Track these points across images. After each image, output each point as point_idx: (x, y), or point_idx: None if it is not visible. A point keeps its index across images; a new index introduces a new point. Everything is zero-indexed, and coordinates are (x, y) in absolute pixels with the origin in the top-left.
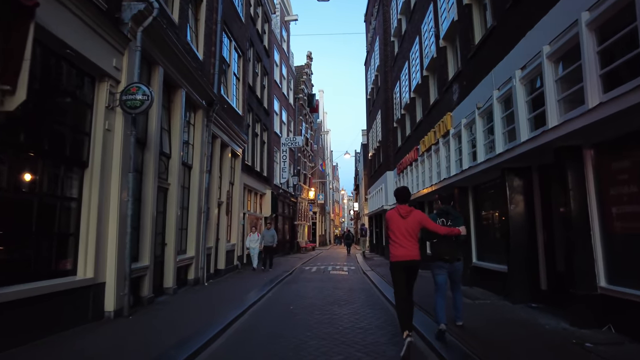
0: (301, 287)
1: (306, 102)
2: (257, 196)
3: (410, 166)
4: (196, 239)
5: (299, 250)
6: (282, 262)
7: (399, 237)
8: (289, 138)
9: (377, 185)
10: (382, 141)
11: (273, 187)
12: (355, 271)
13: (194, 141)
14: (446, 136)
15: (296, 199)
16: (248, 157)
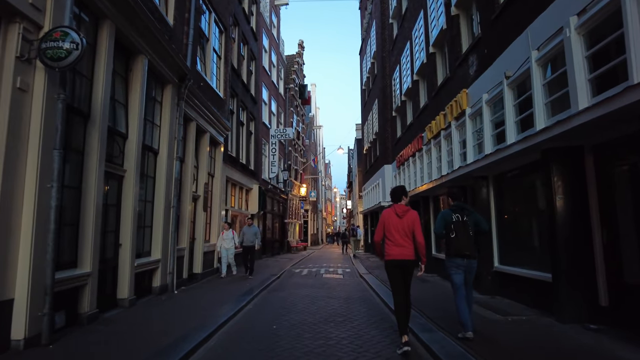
0: (289, 296)
1: (297, 93)
2: (243, 191)
3: (413, 157)
4: (163, 238)
5: (290, 250)
6: (271, 264)
7: (394, 236)
8: (279, 130)
9: (373, 181)
10: (379, 133)
11: (261, 182)
12: (351, 274)
13: (161, 122)
14: (461, 117)
15: (287, 195)
16: (232, 148)
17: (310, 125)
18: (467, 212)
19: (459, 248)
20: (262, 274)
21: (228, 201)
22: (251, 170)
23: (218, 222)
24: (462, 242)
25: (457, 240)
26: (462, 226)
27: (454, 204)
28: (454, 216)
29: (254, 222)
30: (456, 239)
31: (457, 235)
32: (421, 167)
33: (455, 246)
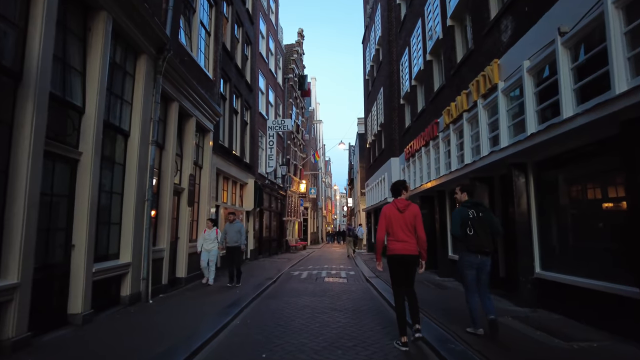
0: (285, 307)
1: (297, 84)
2: (237, 186)
3: (426, 147)
4: (135, 237)
5: (288, 250)
6: (267, 265)
7: (397, 232)
8: (277, 121)
9: (378, 176)
10: (384, 124)
11: (257, 176)
12: (355, 278)
13: (133, 98)
14: (490, 94)
15: (285, 192)
16: (224, 137)
17: (310, 119)
18: (483, 209)
19: (479, 245)
20: (256, 278)
21: (219, 196)
22: (246, 164)
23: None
24: (482, 238)
25: (476, 237)
26: (479, 222)
27: (467, 201)
28: (469, 212)
29: (237, 218)
30: (475, 236)
31: (476, 232)
32: (436, 157)
33: (475, 243)
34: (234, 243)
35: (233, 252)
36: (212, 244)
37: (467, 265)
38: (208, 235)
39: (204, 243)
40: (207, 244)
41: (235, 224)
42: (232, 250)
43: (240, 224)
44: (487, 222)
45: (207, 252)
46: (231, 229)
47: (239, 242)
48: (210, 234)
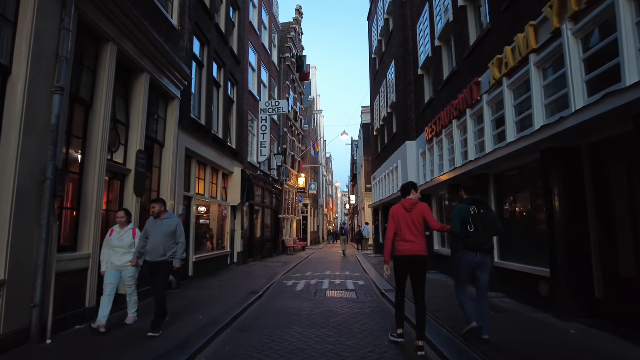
0: (265, 352)
1: (294, 65)
2: (219, 175)
3: (459, 119)
4: (13, 237)
5: (285, 251)
6: (256, 272)
7: (404, 232)
8: (271, 103)
9: (388, 166)
10: (396, 103)
11: (247, 165)
12: (367, 291)
13: (18, 17)
14: (585, 14)
15: (282, 186)
16: (200, 113)
17: (310, 109)
18: (484, 206)
19: (479, 242)
20: (235, 292)
21: (192, 186)
22: (232, 149)
23: None
24: (482, 236)
25: (477, 234)
26: (481, 219)
27: (469, 197)
28: (471, 209)
29: (164, 211)
30: (476, 233)
31: (477, 229)
32: (477, 130)
33: (475, 240)
34: (160, 256)
35: (155, 271)
36: (125, 256)
37: (465, 264)
38: (118, 241)
39: (111, 254)
40: (116, 256)
41: (168, 218)
42: (153, 267)
43: (175, 219)
44: (489, 219)
45: (117, 271)
46: (157, 229)
47: (170, 255)
48: (124, 237)
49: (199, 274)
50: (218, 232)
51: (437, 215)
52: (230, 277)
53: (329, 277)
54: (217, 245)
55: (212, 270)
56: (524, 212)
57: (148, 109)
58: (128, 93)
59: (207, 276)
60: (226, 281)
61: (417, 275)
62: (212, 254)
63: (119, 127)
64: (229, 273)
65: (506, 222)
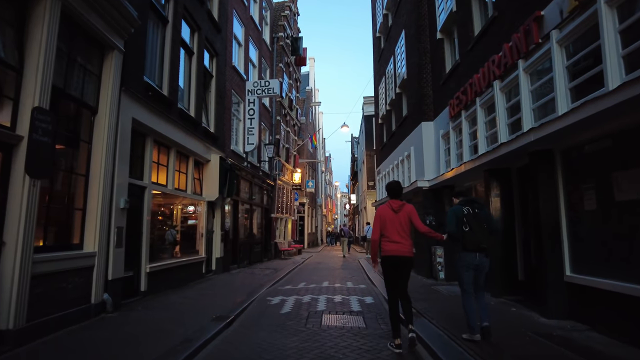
0: None
1: (289, 47)
2: (189, 162)
3: (501, 80)
4: None
5: (278, 255)
6: (236, 283)
7: (391, 232)
8: (260, 83)
9: (397, 156)
10: (407, 80)
11: (229, 154)
12: (377, 312)
13: None
14: None
15: (274, 181)
16: (160, 79)
17: (307, 101)
18: (478, 206)
19: (475, 241)
20: (196, 318)
21: (146, 172)
22: (207, 132)
23: (101, 213)
24: (477, 235)
25: (472, 233)
26: (475, 218)
27: (462, 199)
28: (464, 209)
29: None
30: (471, 232)
31: (472, 228)
32: (536, 87)
33: (471, 240)
34: None
35: None
36: None
37: (466, 266)
38: None
39: None
40: None
41: None
42: None
43: None
44: (484, 218)
45: None
46: None
47: None
48: None
49: (157, 287)
50: (188, 233)
51: None
52: (200, 290)
53: (326, 290)
54: (186, 249)
55: (178, 281)
56: (622, 202)
57: (58, 50)
58: (23, 24)
59: (169, 290)
60: (192, 298)
61: (402, 274)
62: (178, 261)
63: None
64: (202, 285)
65: (587, 217)
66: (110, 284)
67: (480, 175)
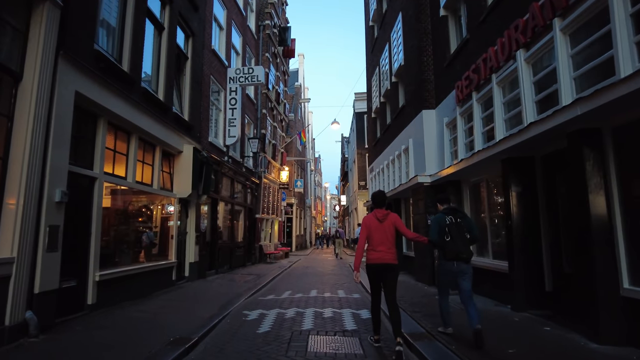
0: None
1: (277, 37)
2: (156, 152)
3: (527, 49)
4: None
5: (263, 259)
6: (210, 292)
7: (376, 241)
8: (242, 70)
9: (392, 151)
10: (404, 67)
11: (206, 146)
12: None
13: None
14: None
15: (259, 179)
16: (120, 52)
17: (296, 97)
18: (460, 215)
19: (455, 251)
20: (147, 341)
21: (96, 159)
22: (179, 119)
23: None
24: (458, 245)
25: (452, 243)
26: (457, 228)
27: (445, 207)
28: (447, 218)
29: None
30: (452, 242)
31: (453, 238)
32: (577, 51)
33: (451, 249)
34: None
35: None
36: None
37: (445, 273)
38: None
39: None
40: None
41: None
42: None
43: None
44: (465, 227)
45: None
46: None
47: None
48: None
49: (111, 299)
50: (155, 234)
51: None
52: (165, 302)
53: (314, 302)
54: (153, 254)
55: (140, 291)
56: None
57: None
58: None
59: (127, 302)
60: (152, 312)
61: (388, 282)
62: (140, 267)
63: None
64: (169, 295)
65: None
66: (38, 298)
67: (495, 168)
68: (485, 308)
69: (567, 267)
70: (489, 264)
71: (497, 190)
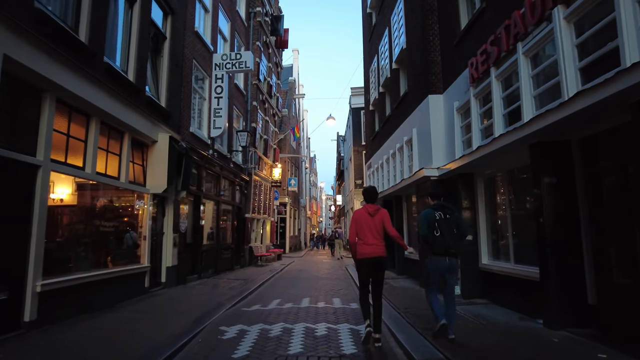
0: None
1: (269, 26)
2: (124, 140)
3: (565, 5)
4: None
5: (253, 261)
6: (188, 302)
7: (366, 235)
8: (229, 55)
9: (393, 144)
10: (407, 50)
11: (187, 137)
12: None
13: None
14: None
15: (249, 176)
16: (74, 19)
17: (290, 93)
18: (450, 211)
19: (445, 246)
20: None
21: (40, 143)
22: (153, 103)
23: None
24: (447, 240)
25: (442, 238)
26: (446, 224)
27: (435, 203)
28: (436, 214)
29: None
30: (442, 237)
31: (443, 234)
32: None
33: (441, 244)
34: None
35: None
36: None
37: (434, 269)
38: None
39: None
40: None
41: None
42: None
43: None
44: (454, 223)
45: None
46: None
47: None
48: None
49: (61, 314)
50: (124, 235)
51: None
52: (131, 314)
53: (306, 314)
54: (121, 257)
55: (104, 301)
56: None
57: None
58: None
59: (83, 316)
60: (108, 329)
61: (377, 275)
62: (102, 273)
63: None
64: (138, 305)
65: None
66: None
67: (518, 156)
68: (509, 322)
69: (620, 276)
70: (509, 269)
71: (520, 182)
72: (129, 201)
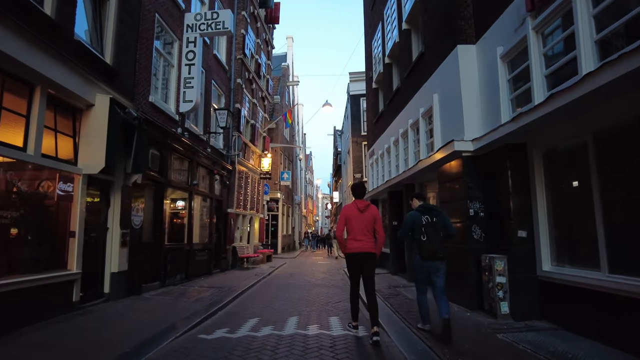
0: None
1: None
2: (36, 96)
3: None
4: None
5: (237, 264)
6: (123, 326)
7: (356, 231)
8: (203, 15)
9: (403, 121)
10: (421, 2)
11: (145, 107)
12: None
13: None
14: None
15: (232, 164)
16: None
17: (283, 80)
18: (436, 213)
19: (432, 251)
20: None
21: None
22: (89, 54)
23: None
24: (434, 245)
25: (429, 243)
26: (433, 228)
27: (421, 205)
28: (423, 218)
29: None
30: (428, 242)
31: (429, 238)
32: None
33: (428, 249)
34: None
35: None
36: None
37: (418, 269)
38: None
39: None
40: None
41: None
42: None
43: None
44: (440, 226)
45: None
46: None
47: None
48: None
49: None
50: (40, 231)
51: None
52: (24, 351)
53: (288, 351)
54: (34, 262)
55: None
56: None
57: None
58: None
59: None
60: None
61: (367, 270)
62: None
63: None
64: (49, 331)
65: None
66: None
67: (613, 111)
68: None
69: None
70: (602, 281)
71: (621, 151)
72: (49, 185)
